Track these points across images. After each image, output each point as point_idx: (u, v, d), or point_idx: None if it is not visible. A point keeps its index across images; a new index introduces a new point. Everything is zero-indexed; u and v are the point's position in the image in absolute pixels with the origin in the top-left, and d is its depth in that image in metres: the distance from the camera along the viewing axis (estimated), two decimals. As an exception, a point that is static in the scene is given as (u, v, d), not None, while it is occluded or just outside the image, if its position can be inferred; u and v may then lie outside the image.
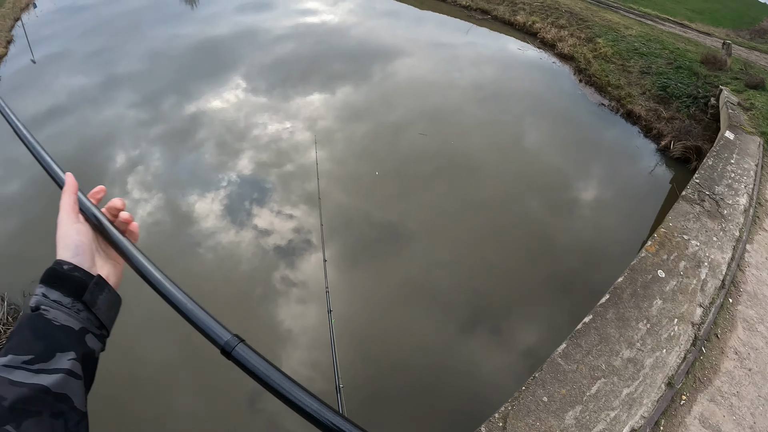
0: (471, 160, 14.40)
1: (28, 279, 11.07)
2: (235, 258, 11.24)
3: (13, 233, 13.15)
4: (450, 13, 29.32)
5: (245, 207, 12.72)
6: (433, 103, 17.76)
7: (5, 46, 31.45)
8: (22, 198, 14.49)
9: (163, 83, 20.68)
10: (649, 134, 16.16)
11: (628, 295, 7.47)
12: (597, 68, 19.73)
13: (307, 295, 10.40)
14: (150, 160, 15.20)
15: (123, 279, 1.39)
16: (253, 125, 16.24)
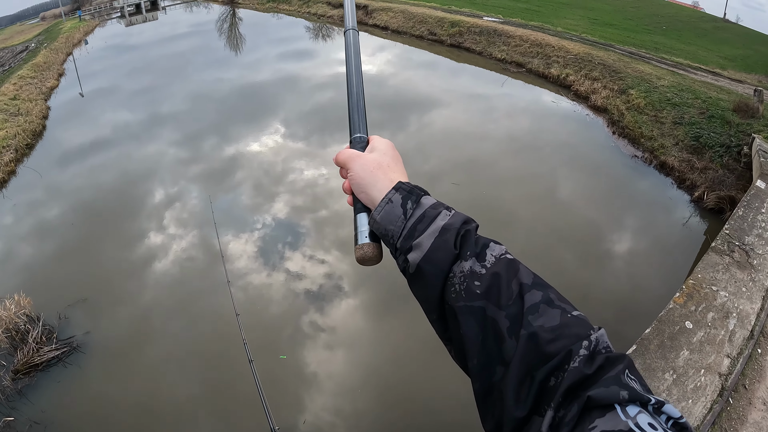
0: (504, 212, 14.53)
1: (65, 302, 11.49)
2: (265, 299, 11.43)
3: (51, 256, 13.67)
4: (485, 66, 29.98)
5: (278, 250, 12.98)
6: (468, 153, 18.08)
7: (57, 78, 33.04)
8: (62, 223, 15.13)
9: (204, 124, 21.42)
10: (683, 185, 15.98)
11: (655, 346, 7.33)
12: (630, 120, 19.81)
13: (335, 341, 10.50)
14: (187, 198, 15.71)
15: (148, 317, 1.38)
16: (290, 170, 16.66)
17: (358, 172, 1.24)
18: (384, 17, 41.20)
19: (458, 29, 34.54)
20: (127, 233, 14.16)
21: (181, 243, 13.59)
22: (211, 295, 11.62)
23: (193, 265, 12.74)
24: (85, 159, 19.26)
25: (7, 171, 18.09)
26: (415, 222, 1.09)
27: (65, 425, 9.05)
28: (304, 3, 55.93)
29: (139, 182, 16.94)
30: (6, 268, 13.32)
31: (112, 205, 15.69)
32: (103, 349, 10.40)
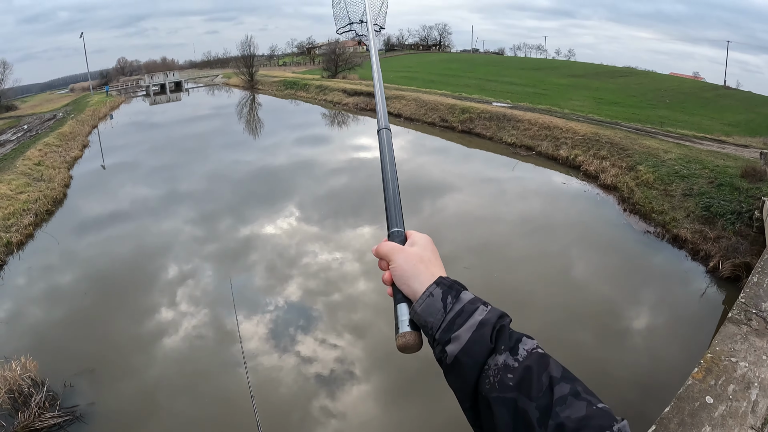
0: (519, 294, 14.61)
1: (71, 370, 11.47)
2: (275, 382, 11.40)
3: (61, 322, 13.77)
4: (496, 151, 30.91)
5: (290, 333, 13.06)
6: (481, 237, 18.44)
7: (81, 149, 34.28)
8: (75, 291, 15.36)
9: (221, 204, 22.00)
10: (697, 256, 16.05)
11: (675, 425, 6.99)
12: (640, 196, 20.13)
13: (345, 428, 10.31)
14: (201, 276, 15.97)
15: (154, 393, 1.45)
16: (304, 253, 16.97)
17: (402, 265, 1.34)
18: (397, 105, 42.96)
19: (469, 115, 36.02)
20: (139, 306, 14.31)
21: (192, 320, 13.70)
22: (219, 376, 11.59)
23: (203, 343, 12.78)
24: (102, 230, 19.71)
25: (25, 234, 18.60)
26: (454, 316, 1.20)
27: None
28: (320, 91, 58.43)
29: (153, 257, 17.31)
30: (16, 328, 13.45)
31: (126, 277, 15.97)
32: (107, 421, 10.28)
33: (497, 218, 20.22)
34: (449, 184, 24.39)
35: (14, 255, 17.44)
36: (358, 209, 20.95)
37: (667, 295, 14.55)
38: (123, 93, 77.78)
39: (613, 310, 13.71)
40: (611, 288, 14.86)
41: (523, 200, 22.29)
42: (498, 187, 24.22)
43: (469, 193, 23.44)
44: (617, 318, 13.40)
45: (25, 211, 19.88)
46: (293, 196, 22.95)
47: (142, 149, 34.22)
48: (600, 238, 18.26)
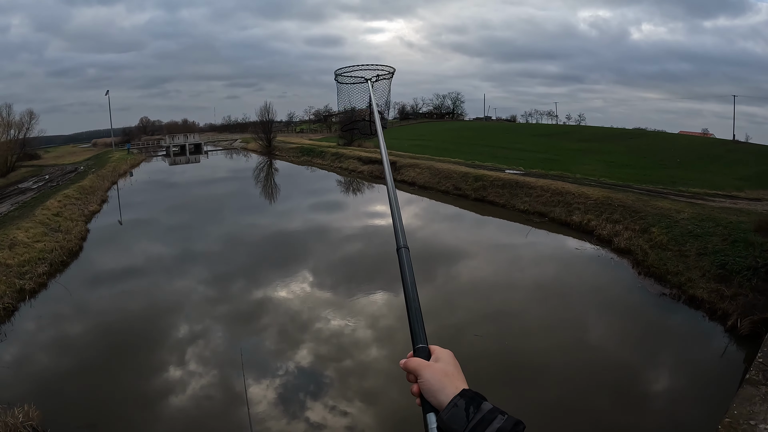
0: (533, 361, 14.33)
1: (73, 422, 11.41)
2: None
3: (67, 373, 13.69)
4: (509, 218, 31.09)
5: (299, 398, 12.90)
6: (495, 304, 18.32)
7: (99, 204, 34.99)
8: (83, 343, 15.37)
9: (235, 266, 22.25)
10: (715, 316, 15.66)
11: None
12: (654, 258, 19.92)
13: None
14: (211, 336, 15.98)
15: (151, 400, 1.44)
16: (316, 318, 16.98)
17: (429, 380, 1.55)
18: (411, 173, 43.73)
19: (482, 183, 36.52)
20: (147, 363, 14.29)
21: (201, 381, 13.64)
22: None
23: (211, 404, 12.67)
24: (115, 284, 19.96)
25: (38, 282, 18.86)
26: (476, 424, 1.38)
27: None
28: (336, 158, 59.71)
29: (164, 314, 17.46)
30: (21, 375, 13.41)
31: (136, 333, 16.01)
32: None
33: (511, 285, 20.20)
34: (463, 251, 24.54)
35: (26, 302, 17.58)
36: (372, 276, 21.01)
37: (687, 357, 14.31)
38: (144, 151, 79.97)
39: (632, 375, 13.45)
40: (629, 352, 14.61)
41: (537, 266, 22.31)
42: (512, 253, 24.32)
43: (482, 260, 23.54)
44: (636, 383, 13.12)
45: (40, 260, 20.18)
46: (307, 260, 23.12)
47: (159, 208, 34.93)
48: (615, 302, 18.11)
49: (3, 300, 16.33)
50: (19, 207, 29.63)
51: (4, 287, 16.88)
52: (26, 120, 62.56)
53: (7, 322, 16.02)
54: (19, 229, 22.54)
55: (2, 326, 15.72)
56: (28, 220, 24.44)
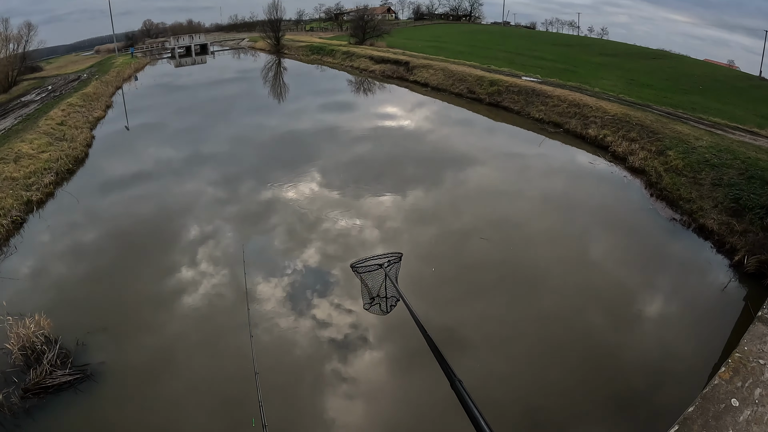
0: (535, 271, 14.61)
1: (84, 328, 11.82)
2: (290, 343, 11.66)
3: (77, 280, 14.19)
4: (523, 125, 30.53)
5: (306, 296, 13.28)
6: (501, 212, 18.39)
7: (104, 110, 34.72)
8: (92, 249, 15.74)
9: (243, 167, 22.27)
10: (722, 249, 15.74)
11: (699, 427, 7.05)
12: (668, 182, 19.72)
13: (355, 392, 10.60)
14: (221, 237, 16.26)
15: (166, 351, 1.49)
16: (324, 218, 17.18)
17: None
18: (424, 74, 42.63)
19: (497, 88, 35.53)
20: (159, 265, 14.68)
21: (212, 280, 13.99)
22: (236, 334, 11.89)
23: (222, 302, 13.10)
24: (123, 189, 20.12)
25: (45, 192, 18.98)
26: None
27: None
28: (347, 57, 58.04)
29: (176, 216, 17.72)
30: (32, 286, 13.77)
31: (146, 236, 16.38)
32: (116, 380, 10.63)
33: (519, 194, 20.05)
34: (473, 157, 24.20)
35: (34, 213, 17.86)
36: (381, 177, 21.00)
37: (687, 285, 14.35)
38: (148, 55, 78.25)
39: (629, 296, 13.57)
40: (630, 273, 14.67)
41: (546, 178, 22.00)
42: (522, 162, 23.95)
43: (492, 168, 23.27)
44: (632, 304, 13.26)
45: (46, 170, 20.27)
46: (316, 161, 23.03)
47: (166, 111, 34.54)
48: (623, 221, 17.99)
49: (10, 213, 16.61)
50: (22, 120, 29.42)
51: (11, 201, 17.10)
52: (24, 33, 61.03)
53: (16, 234, 16.31)
54: (23, 141, 22.51)
55: (12, 239, 16.02)
56: (31, 132, 24.35)
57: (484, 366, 11.26)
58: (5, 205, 16.82)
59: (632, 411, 10.11)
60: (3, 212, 16.47)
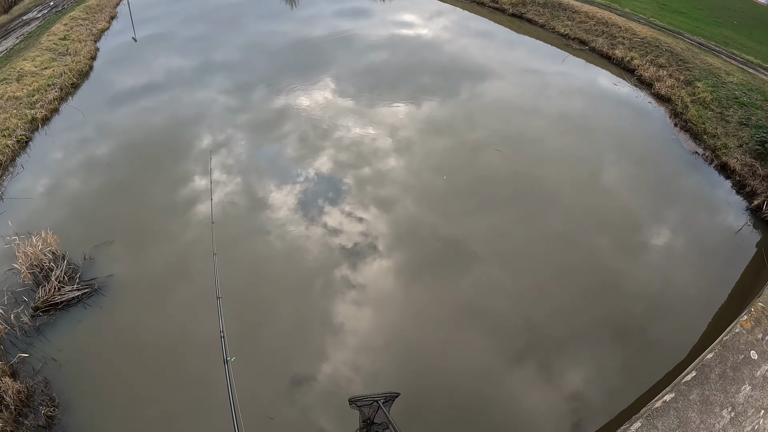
0: (546, 190, 14.54)
1: (92, 242, 12.14)
2: (301, 250, 11.95)
3: (88, 194, 14.32)
4: (546, 40, 29.27)
5: (318, 204, 13.46)
6: (517, 127, 18.05)
7: (108, 21, 33.80)
8: (101, 162, 15.76)
9: (256, 75, 21.90)
10: (742, 191, 15.48)
11: (716, 376, 7.08)
12: (694, 114, 19.11)
13: (363, 299, 10.94)
14: (234, 145, 16.31)
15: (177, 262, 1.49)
16: (337, 126, 17.08)
17: None
18: (444, -20, 40.61)
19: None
20: (166, 176, 14.83)
21: (225, 188, 14.22)
22: (248, 239, 12.25)
23: (235, 209, 13.38)
24: (137, 101, 19.87)
25: (50, 109, 18.69)
26: None
27: (80, 363, 9.65)
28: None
29: (188, 126, 17.68)
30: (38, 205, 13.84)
31: (156, 147, 16.41)
32: (124, 292, 11.03)
33: (536, 111, 19.49)
34: (491, 70, 23.34)
35: (40, 131, 17.74)
36: (395, 86, 20.53)
37: (699, 222, 14.14)
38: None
39: (639, 224, 13.47)
40: (642, 201, 14.48)
41: (566, 96, 21.26)
42: (542, 79, 22.99)
43: (510, 82, 22.43)
44: (640, 232, 13.20)
45: (50, 86, 19.92)
46: (330, 69, 22.51)
47: (175, 20, 33.55)
48: (643, 148, 17.48)
49: (15, 133, 16.55)
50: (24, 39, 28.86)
51: (15, 120, 16.98)
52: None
53: (22, 154, 16.28)
54: (25, 60, 22.03)
55: (18, 159, 15.97)
56: (34, 50, 23.69)
57: (489, 280, 11.49)
58: (9, 125, 16.73)
59: (627, 338, 10.37)
60: (7, 132, 16.41)
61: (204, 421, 8.80)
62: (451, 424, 8.78)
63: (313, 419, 8.84)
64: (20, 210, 13.39)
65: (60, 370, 9.48)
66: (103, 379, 9.43)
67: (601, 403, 9.13)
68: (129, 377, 9.45)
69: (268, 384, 9.31)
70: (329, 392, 9.24)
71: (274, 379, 9.40)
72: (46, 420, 8.65)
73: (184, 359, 9.73)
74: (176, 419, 8.89)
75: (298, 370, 9.60)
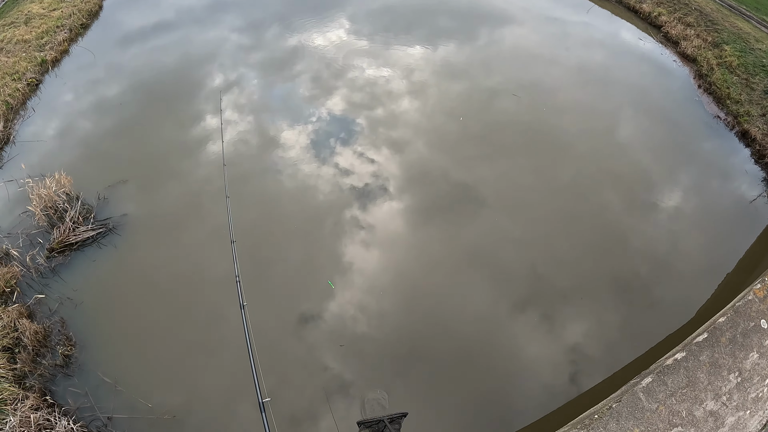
0: (560, 141, 14.30)
1: (106, 182, 12.23)
2: (312, 189, 12.03)
3: (102, 134, 14.30)
4: None
5: (330, 144, 13.43)
6: (534, 76, 17.62)
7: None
8: (113, 103, 15.67)
9: (269, 12, 21.47)
10: (761, 161, 15.07)
11: (727, 340, 7.11)
12: (719, 77, 18.47)
13: (372, 240, 11.04)
14: (246, 84, 16.19)
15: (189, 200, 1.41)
16: (351, 67, 16.85)
17: None
18: None
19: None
20: (178, 116, 14.79)
21: (237, 126, 14.19)
22: (260, 178, 12.40)
23: (247, 148, 13.40)
24: (147, 40, 19.60)
25: (60, 51, 18.44)
26: None
27: (96, 302, 9.88)
28: None
29: (199, 65, 17.48)
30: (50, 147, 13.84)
31: (168, 86, 16.28)
32: (138, 231, 11.17)
33: (556, 60, 18.90)
34: (511, 16, 22.58)
35: (50, 73, 17.52)
36: (411, 27, 20.04)
37: (714, 187, 13.80)
38: None
39: (651, 183, 13.23)
40: (657, 160, 14.14)
41: (588, 47, 20.59)
42: (564, 29, 22.14)
43: (531, 29, 21.70)
44: (652, 192, 12.98)
45: (58, 27, 19.61)
46: (345, 7, 21.93)
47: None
48: (663, 107, 16.94)
49: (25, 76, 16.36)
50: None
51: (24, 64, 16.75)
52: None
53: (33, 96, 16.11)
54: (32, 2, 21.56)
55: (29, 102, 15.81)
56: None
57: (497, 226, 11.53)
58: (19, 68, 16.53)
59: (629, 294, 10.41)
60: (17, 76, 16.22)
61: (216, 356, 9.10)
62: (454, 366, 9.01)
63: (319, 357, 9.11)
64: (33, 153, 13.42)
65: (76, 309, 9.73)
66: (118, 317, 9.69)
67: (600, 357, 9.29)
68: (144, 315, 9.72)
69: (278, 321, 9.56)
70: (335, 331, 9.47)
71: (283, 316, 9.63)
72: (63, 359, 8.94)
73: (198, 297, 9.97)
74: (189, 354, 9.17)
75: (306, 308, 9.81)
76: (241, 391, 8.42)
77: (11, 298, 9.75)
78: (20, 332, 9.03)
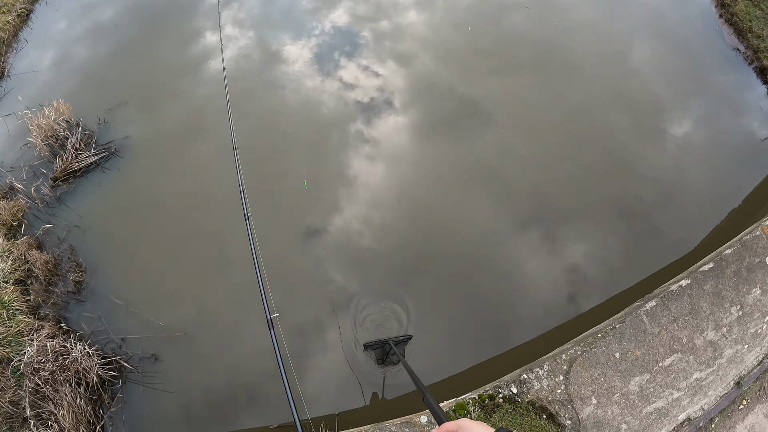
0: (571, 59, 13.57)
1: (106, 106, 12.10)
2: (315, 103, 11.81)
3: (98, 59, 13.89)
4: None
5: (334, 58, 13.02)
6: None
7: None
8: (108, 26, 15.08)
9: None
10: None
11: (731, 272, 7.17)
12: (742, 8, 17.09)
13: (376, 154, 10.95)
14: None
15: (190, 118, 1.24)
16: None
17: None
18: None
19: None
20: (177, 33, 14.35)
21: (238, 42, 13.80)
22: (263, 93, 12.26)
23: (248, 64, 13.09)
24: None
25: None
26: None
27: (103, 227, 9.99)
28: None
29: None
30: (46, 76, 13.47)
31: (162, 5, 15.61)
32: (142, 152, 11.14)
33: None
34: None
35: (40, 2, 16.52)
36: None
37: (725, 121, 12.97)
38: None
39: (661, 110, 12.59)
40: (670, 87, 13.35)
41: None
42: None
43: None
44: (662, 119, 12.38)
45: None
46: None
47: None
48: (680, 32, 15.56)
49: (15, 8, 15.56)
50: None
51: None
52: None
53: (24, 27, 15.46)
54: None
55: (20, 33, 15.19)
56: None
57: (502, 142, 11.28)
58: (7, 1, 15.67)
59: (631, 220, 10.22)
60: (6, 9, 15.45)
61: (224, 272, 9.29)
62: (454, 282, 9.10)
63: (324, 270, 9.27)
64: (29, 85, 13.14)
65: (84, 235, 9.85)
66: (126, 240, 9.82)
67: (599, 280, 9.28)
68: (151, 235, 9.86)
69: (283, 235, 9.69)
70: (340, 245, 9.60)
71: (288, 230, 9.77)
72: (74, 285, 9.15)
73: (204, 213, 10.09)
74: (198, 272, 9.37)
75: (311, 221, 9.90)
76: (250, 304, 8.65)
77: (20, 231, 9.90)
78: (31, 263, 9.21)
